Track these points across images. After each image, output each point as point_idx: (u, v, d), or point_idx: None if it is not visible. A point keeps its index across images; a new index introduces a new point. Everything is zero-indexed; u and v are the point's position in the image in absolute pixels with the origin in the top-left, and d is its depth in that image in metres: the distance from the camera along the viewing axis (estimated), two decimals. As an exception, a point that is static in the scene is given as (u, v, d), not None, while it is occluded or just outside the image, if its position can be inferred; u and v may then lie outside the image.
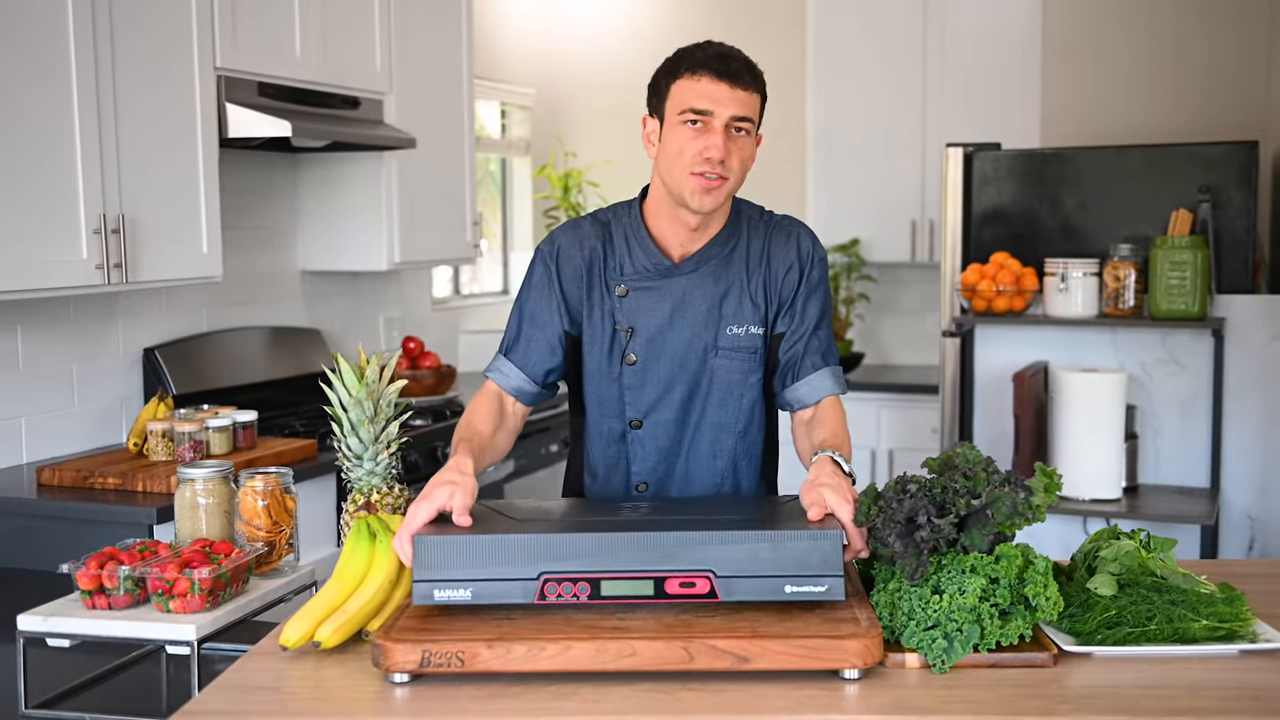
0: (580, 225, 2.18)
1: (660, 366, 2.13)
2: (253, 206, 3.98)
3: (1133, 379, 3.61)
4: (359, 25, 3.89)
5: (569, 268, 2.14)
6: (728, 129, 1.99)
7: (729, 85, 1.99)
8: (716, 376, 2.13)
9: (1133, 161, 3.64)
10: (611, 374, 2.14)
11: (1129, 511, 3.38)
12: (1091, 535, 1.85)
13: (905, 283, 5.42)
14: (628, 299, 2.12)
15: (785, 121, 5.52)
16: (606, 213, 2.19)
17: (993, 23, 4.90)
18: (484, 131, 5.44)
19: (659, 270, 2.12)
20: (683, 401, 2.14)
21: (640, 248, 2.12)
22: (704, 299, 2.12)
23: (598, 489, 2.21)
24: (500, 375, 2.17)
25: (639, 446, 2.16)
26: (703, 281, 2.12)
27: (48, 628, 1.81)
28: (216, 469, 2.02)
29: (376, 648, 1.54)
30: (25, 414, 3.17)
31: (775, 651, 1.52)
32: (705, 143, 1.98)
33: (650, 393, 2.14)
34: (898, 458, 4.85)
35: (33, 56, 2.75)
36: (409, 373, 4.18)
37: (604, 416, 2.17)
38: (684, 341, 2.12)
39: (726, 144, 1.99)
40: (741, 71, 2.01)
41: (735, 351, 2.13)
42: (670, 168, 2.03)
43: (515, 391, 2.16)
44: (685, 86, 2.01)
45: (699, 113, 1.99)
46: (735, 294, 2.12)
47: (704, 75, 1.99)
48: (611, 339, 2.13)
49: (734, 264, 2.13)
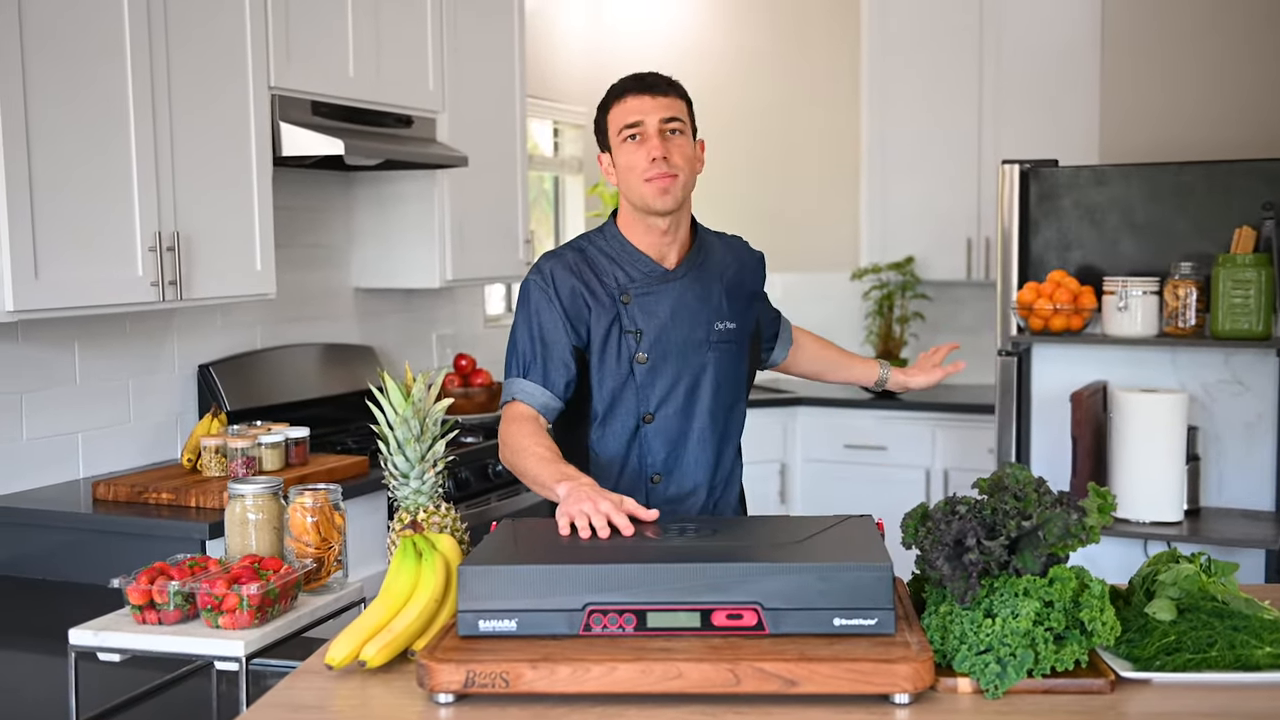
0: (562, 254, 2.37)
1: (668, 362, 2.33)
2: (307, 224, 4.02)
3: (1194, 400, 3.54)
4: (412, 44, 3.92)
5: (565, 288, 2.31)
6: (661, 132, 2.25)
7: (649, 96, 2.27)
8: (712, 367, 2.36)
9: (1194, 178, 3.57)
10: (623, 375, 2.32)
11: (1190, 535, 3.31)
12: (1150, 559, 1.81)
13: (960, 301, 5.36)
14: (632, 305, 2.33)
15: (839, 138, 5.50)
16: (579, 240, 2.40)
17: (1050, 37, 4.85)
18: (536, 150, 5.45)
19: (655, 276, 2.34)
20: (688, 392, 2.34)
21: (630, 260, 2.34)
22: (695, 300, 2.36)
23: (609, 486, 2.26)
24: (526, 395, 2.29)
25: (650, 439, 2.33)
26: (692, 285, 2.36)
27: (98, 642, 1.82)
28: (266, 485, 2.03)
29: (421, 668, 1.54)
30: (82, 429, 3.21)
31: (823, 675, 1.50)
32: (646, 149, 2.25)
33: (660, 387, 2.33)
34: (953, 477, 4.79)
35: (90, 78, 2.80)
36: (460, 390, 4.19)
37: (617, 416, 2.32)
38: (684, 337, 2.34)
39: (664, 144, 2.24)
40: (657, 81, 2.29)
41: (726, 344, 2.38)
42: (628, 183, 2.28)
43: (543, 409, 2.30)
44: (616, 111, 2.30)
45: (631, 125, 2.26)
46: (717, 294, 2.39)
47: (627, 96, 2.29)
48: (620, 344, 2.31)
49: (710, 269, 2.41)
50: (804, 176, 5.60)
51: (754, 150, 5.62)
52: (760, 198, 5.62)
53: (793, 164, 5.63)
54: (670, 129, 2.26)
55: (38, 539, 2.90)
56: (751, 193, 5.64)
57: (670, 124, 2.26)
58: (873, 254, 5.20)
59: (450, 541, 1.82)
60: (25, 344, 3.05)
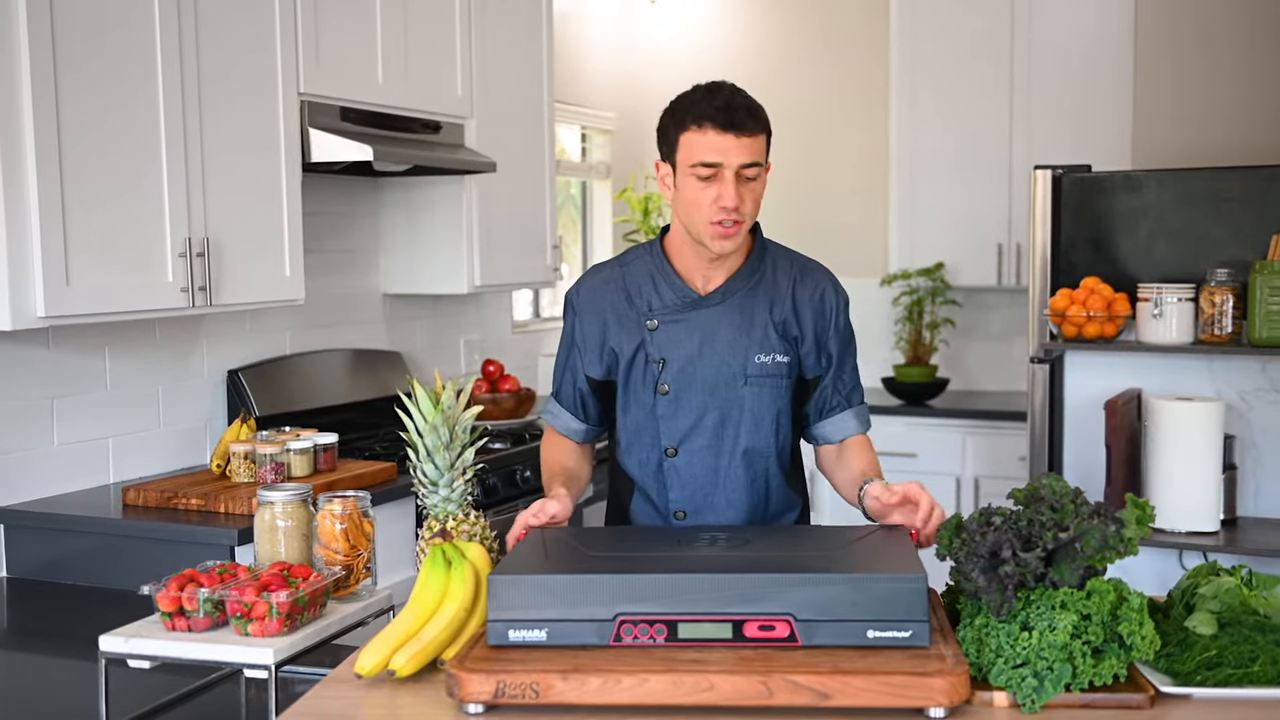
0: (602, 270, 2.29)
1: (692, 395, 2.19)
2: (335, 230, 4.02)
3: (1231, 408, 3.50)
4: (440, 50, 3.92)
5: (592, 312, 2.25)
6: (738, 176, 2.05)
7: (734, 135, 2.03)
8: (747, 404, 2.19)
9: (1230, 183, 3.53)
10: (646, 404, 2.22)
11: (1227, 545, 3.27)
12: (1189, 571, 1.78)
13: (991, 307, 5.32)
14: (658, 332, 2.19)
15: (868, 144, 5.47)
16: (628, 255, 2.29)
17: (1082, 41, 4.81)
18: (564, 155, 5.45)
19: (687, 303, 2.19)
20: (715, 429, 2.20)
21: (666, 283, 2.20)
22: (731, 329, 2.18)
23: (647, 511, 2.27)
24: (552, 418, 2.33)
25: (675, 474, 2.22)
26: (729, 312, 2.18)
27: (129, 649, 1.82)
28: (295, 492, 2.02)
29: (451, 677, 1.53)
30: (112, 434, 3.22)
31: (857, 688, 1.48)
32: (718, 192, 2.05)
33: (684, 421, 2.20)
34: (983, 485, 4.75)
35: (121, 85, 2.81)
36: (488, 396, 4.18)
37: (641, 446, 2.24)
38: (714, 370, 2.18)
39: (738, 190, 2.05)
40: (745, 120, 2.05)
41: (764, 379, 2.19)
42: (689, 217, 2.10)
43: (567, 431, 2.32)
44: (692, 140, 2.07)
45: (708, 165, 2.05)
46: (760, 324, 2.19)
47: (709, 128, 2.04)
48: (644, 371, 2.21)
49: (759, 296, 2.20)
50: (834, 182, 5.57)
51: (784, 155, 5.56)
52: (790, 203, 5.60)
53: (823, 169, 5.61)
54: (749, 175, 2.06)
55: (69, 544, 2.91)
56: (781, 198, 5.60)
57: (749, 169, 2.05)
58: (902, 260, 5.17)
59: (479, 550, 1.81)
60: (56, 350, 3.06)
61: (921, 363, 5.17)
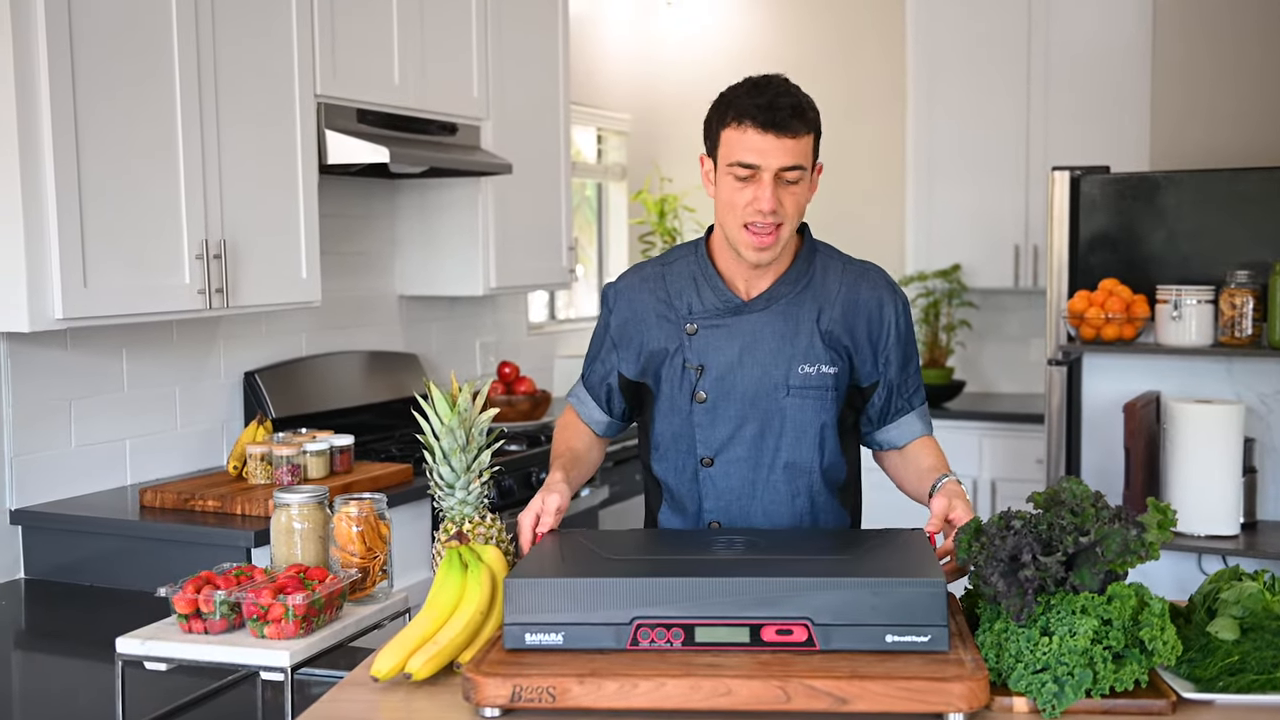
0: (643, 269, 2.20)
1: (730, 404, 2.09)
2: (351, 232, 4.03)
3: (1251, 411, 3.47)
4: (456, 52, 3.92)
5: (628, 311, 2.16)
6: (777, 179, 1.95)
7: (775, 135, 1.93)
8: (789, 415, 2.09)
9: (1249, 184, 3.51)
10: (682, 411, 2.13)
11: (1247, 549, 3.25)
12: (1211, 576, 1.76)
13: (1008, 309, 5.30)
14: (697, 337, 2.10)
15: (885, 144, 5.45)
16: (672, 254, 2.19)
17: (1100, 41, 4.78)
18: (580, 157, 5.45)
19: (728, 308, 2.09)
20: (754, 440, 2.10)
21: (709, 285, 2.11)
22: (774, 337, 2.08)
23: (675, 521, 2.21)
24: (579, 403, 2.28)
25: (711, 484, 2.14)
26: (772, 320, 2.08)
27: (145, 651, 1.82)
28: (311, 494, 2.02)
29: (467, 681, 1.52)
30: (129, 436, 3.23)
31: (875, 693, 1.47)
32: (754, 194, 1.95)
33: (721, 431, 2.11)
34: (1000, 488, 4.73)
35: (138, 87, 2.81)
36: (504, 398, 4.18)
37: (677, 453, 2.16)
38: (754, 380, 2.08)
39: (777, 193, 1.95)
40: (788, 120, 1.93)
41: (807, 390, 2.08)
42: (724, 217, 2.02)
43: (589, 420, 2.27)
44: (732, 137, 1.97)
45: (745, 166, 1.95)
46: (806, 333, 2.08)
47: (749, 126, 1.94)
48: (681, 376, 2.11)
49: (805, 303, 2.09)
50: (850, 183, 5.55)
51: (799, 157, 5.57)
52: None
53: (839, 170, 5.57)
54: (790, 177, 1.96)
55: (86, 546, 2.92)
56: (796, 200, 5.59)
57: (790, 173, 1.95)
58: (919, 261, 5.15)
59: (496, 553, 1.81)
60: (74, 351, 3.07)
61: (938, 365, 5.15)
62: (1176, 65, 4.74)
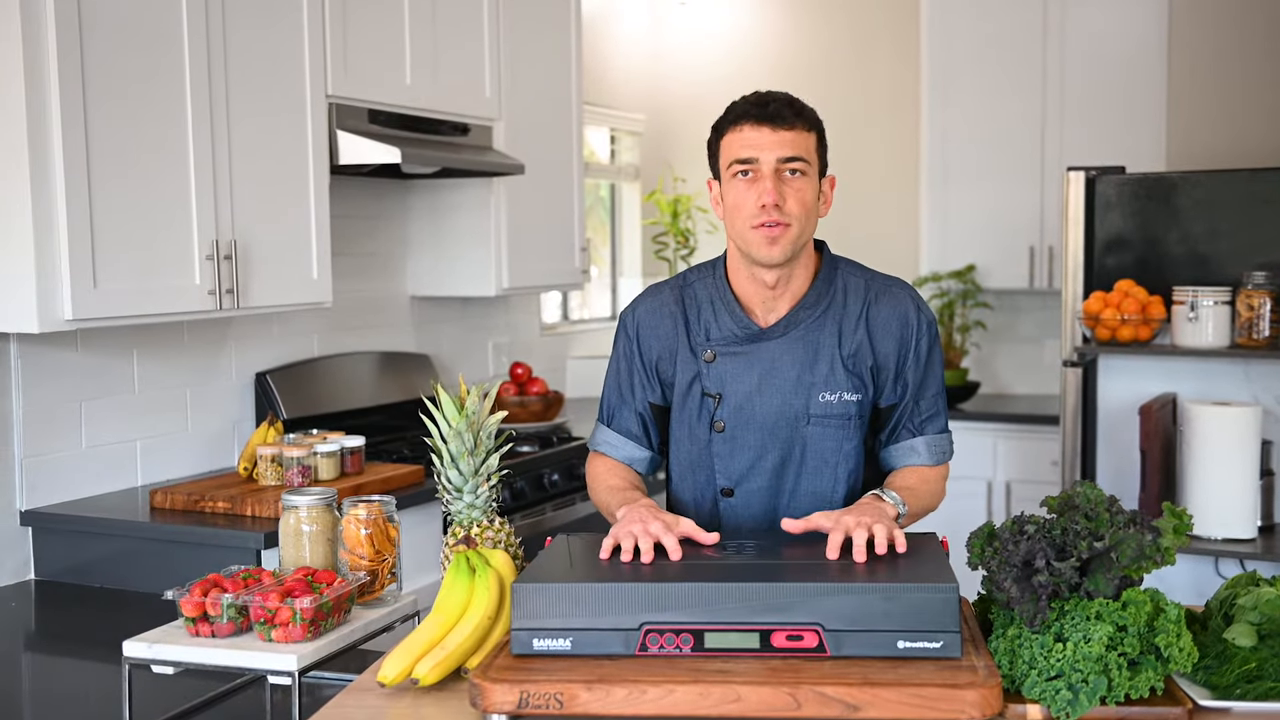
0: (661, 291, 2.15)
1: (750, 434, 2.06)
2: (363, 232, 4.02)
3: (1268, 413, 3.44)
4: (469, 52, 3.91)
5: (650, 336, 2.12)
6: (778, 173, 1.95)
7: (769, 128, 1.94)
8: (810, 445, 2.05)
9: (1267, 184, 3.47)
10: (700, 440, 2.09)
11: (1264, 553, 3.22)
12: (1228, 581, 1.74)
13: (1022, 310, 5.27)
14: (715, 364, 2.06)
15: (899, 145, 5.43)
16: (691, 274, 2.15)
17: (1115, 40, 4.75)
18: (593, 157, 5.44)
19: (746, 335, 2.05)
20: (775, 470, 2.06)
21: (726, 311, 2.07)
22: (794, 365, 2.04)
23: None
24: (610, 448, 2.17)
25: (732, 515, 2.10)
26: (792, 347, 2.04)
27: (152, 654, 1.81)
28: (320, 497, 2.01)
29: (475, 687, 1.51)
30: (140, 437, 3.23)
31: (887, 700, 1.45)
32: (757, 190, 1.95)
33: (741, 461, 2.07)
34: (1015, 490, 4.70)
35: (148, 87, 2.81)
36: (516, 399, 4.17)
37: (695, 482, 2.12)
38: (774, 409, 2.04)
39: (779, 187, 1.94)
40: (781, 111, 1.95)
41: (828, 419, 2.04)
42: (734, 225, 2.00)
43: (629, 461, 2.16)
44: (730, 140, 1.98)
45: (744, 161, 1.96)
46: (826, 360, 2.03)
47: (744, 124, 1.96)
48: (700, 405, 2.08)
49: (826, 328, 2.05)
50: (864, 184, 5.53)
51: (812, 157, 5.55)
52: (818, 205, 5.57)
53: (853, 171, 5.56)
54: (790, 169, 1.95)
55: (96, 547, 2.92)
56: (809, 200, 5.58)
57: (790, 164, 1.94)
58: (933, 262, 5.13)
59: (504, 557, 1.79)
60: (84, 352, 3.07)
61: (953, 366, 5.12)
62: (1193, 64, 4.71)
